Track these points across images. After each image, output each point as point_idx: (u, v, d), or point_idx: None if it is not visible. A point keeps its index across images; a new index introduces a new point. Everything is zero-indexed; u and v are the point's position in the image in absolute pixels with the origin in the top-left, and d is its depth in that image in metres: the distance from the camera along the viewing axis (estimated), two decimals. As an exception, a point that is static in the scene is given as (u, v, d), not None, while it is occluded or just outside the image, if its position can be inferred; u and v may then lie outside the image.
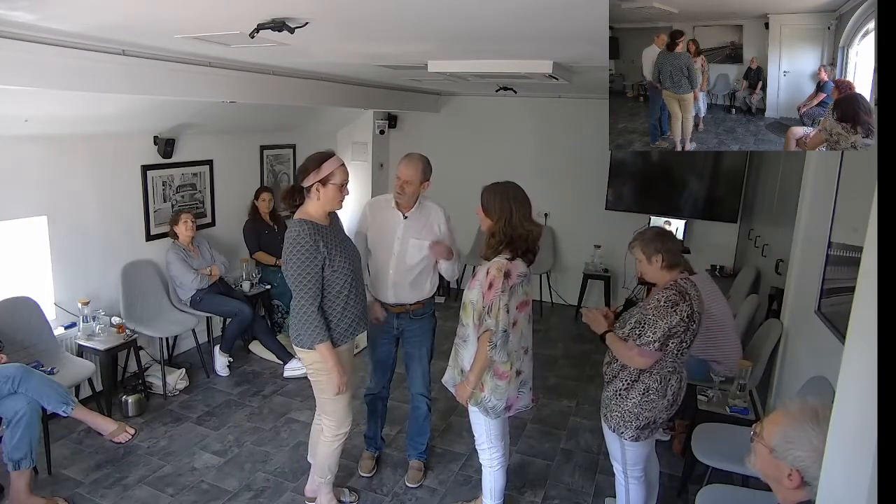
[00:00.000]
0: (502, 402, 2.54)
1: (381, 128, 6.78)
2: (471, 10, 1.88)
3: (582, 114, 6.02)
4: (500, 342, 2.37)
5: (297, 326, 2.61)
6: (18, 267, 3.75)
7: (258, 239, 5.18)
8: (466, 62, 3.25)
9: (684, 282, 2.42)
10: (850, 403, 1.06)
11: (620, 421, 2.47)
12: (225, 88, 3.65)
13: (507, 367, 2.49)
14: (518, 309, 2.47)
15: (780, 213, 4.28)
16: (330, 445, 2.81)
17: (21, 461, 2.82)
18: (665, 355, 2.37)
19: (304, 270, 2.50)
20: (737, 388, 3.18)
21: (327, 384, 2.67)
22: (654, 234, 2.49)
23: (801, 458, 1.40)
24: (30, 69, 2.56)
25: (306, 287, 2.52)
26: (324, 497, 2.96)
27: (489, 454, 2.72)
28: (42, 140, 3.70)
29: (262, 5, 1.85)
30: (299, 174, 2.58)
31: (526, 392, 2.63)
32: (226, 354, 4.62)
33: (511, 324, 2.43)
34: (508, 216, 2.42)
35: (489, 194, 2.50)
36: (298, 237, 2.48)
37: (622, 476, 2.63)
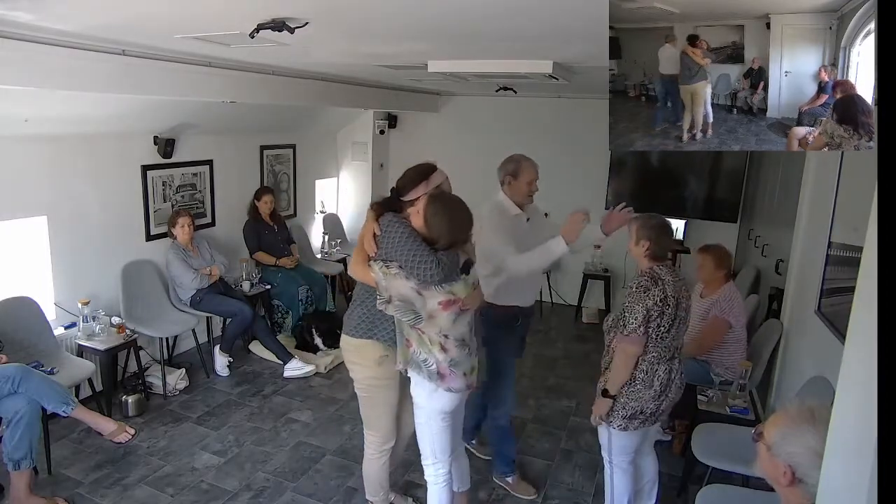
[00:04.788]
0: (431, 360, 2.37)
1: (381, 128, 6.78)
2: (471, 9, 1.88)
3: (582, 114, 6.01)
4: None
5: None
6: (18, 267, 3.75)
7: (258, 239, 5.18)
8: (466, 62, 3.25)
9: (659, 268, 2.48)
10: (850, 403, 1.06)
11: (609, 410, 2.53)
12: (225, 88, 3.65)
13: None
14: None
15: (780, 213, 4.28)
16: (378, 461, 2.76)
17: (21, 461, 2.82)
18: (647, 341, 2.42)
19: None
20: (737, 389, 3.18)
21: (379, 400, 2.65)
22: (654, 224, 2.54)
23: (794, 454, 1.42)
24: (30, 69, 2.56)
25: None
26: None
27: (433, 469, 2.58)
28: (42, 140, 3.70)
29: (262, 5, 1.85)
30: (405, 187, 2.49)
31: (458, 374, 2.41)
32: (226, 354, 4.62)
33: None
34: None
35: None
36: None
37: (608, 465, 2.67)
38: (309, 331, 5.01)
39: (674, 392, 2.53)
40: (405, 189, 2.49)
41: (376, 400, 2.66)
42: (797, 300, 3.39)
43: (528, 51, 2.82)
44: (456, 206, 2.36)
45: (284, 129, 5.88)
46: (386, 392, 2.63)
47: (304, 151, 6.25)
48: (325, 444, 3.69)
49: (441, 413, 2.48)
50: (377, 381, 2.61)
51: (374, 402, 2.68)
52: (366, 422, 2.76)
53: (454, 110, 6.73)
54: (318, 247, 6.41)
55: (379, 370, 2.58)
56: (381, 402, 2.66)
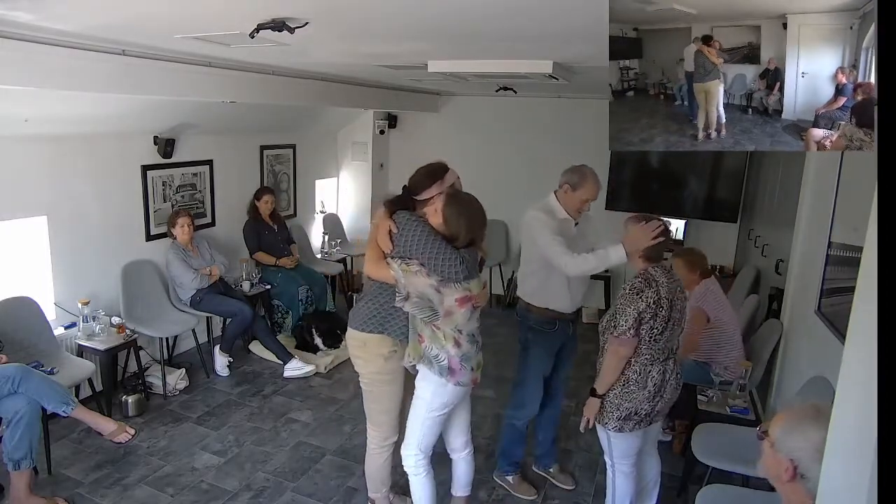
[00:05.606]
0: (443, 355, 2.42)
1: (381, 128, 6.78)
2: (471, 9, 1.88)
3: (582, 114, 6.01)
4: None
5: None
6: (18, 267, 3.75)
7: (258, 239, 5.18)
8: (466, 62, 3.25)
9: (654, 269, 2.47)
10: (850, 403, 1.06)
11: (603, 412, 2.54)
12: (225, 88, 3.65)
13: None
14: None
15: (780, 213, 4.28)
16: (380, 457, 2.78)
17: (21, 461, 2.82)
18: (640, 343, 2.42)
19: None
20: (737, 389, 3.18)
21: (383, 395, 2.68)
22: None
23: (796, 448, 1.42)
24: (30, 69, 2.56)
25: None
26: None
27: (414, 461, 2.59)
28: (42, 140, 3.70)
29: (262, 5, 1.85)
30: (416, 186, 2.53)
31: (467, 368, 2.47)
32: (226, 354, 4.62)
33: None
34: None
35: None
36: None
37: (610, 469, 2.67)
38: (309, 331, 5.01)
39: (668, 393, 2.52)
40: (418, 188, 2.52)
41: (379, 395, 2.69)
42: (797, 300, 3.39)
43: (528, 51, 2.82)
44: (473, 206, 2.43)
45: (284, 129, 5.88)
46: (389, 387, 2.67)
47: (304, 151, 6.25)
48: (325, 444, 3.69)
49: (443, 406, 2.52)
50: (381, 375, 2.64)
51: (377, 397, 2.71)
52: (368, 416, 2.79)
53: (454, 110, 6.73)
54: (318, 247, 6.42)
55: (385, 365, 2.62)
56: (385, 398, 2.69)
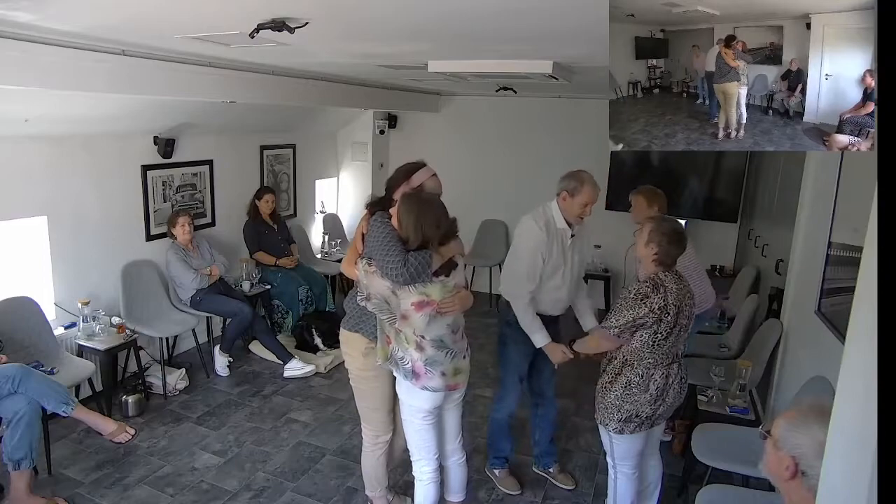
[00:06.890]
0: (407, 358, 2.40)
1: (381, 128, 6.78)
2: (471, 9, 1.88)
3: (582, 114, 6.01)
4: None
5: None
6: (18, 267, 3.75)
7: (258, 239, 5.18)
8: (466, 62, 3.25)
9: (664, 274, 2.44)
10: (850, 403, 1.06)
11: (605, 413, 2.54)
12: (225, 88, 3.65)
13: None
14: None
15: (780, 213, 4.28)
16: (373, 455, 2.79)
17: (21, 461, 2.82)
18: (641, 347, 2.42)
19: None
20: (737, 388, 3.18)
21: (368, 392, 2.70)
22: (667, 230, 2.46)
23: (799, 445, 1.42)
24: (30, 69, 2.55)
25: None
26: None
27: (417, 466, 2.63)
28: (42, 140, 3.70)
29: (262, 5, 1.85)
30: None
31: (436, 374, 2.42)
32: (226, 354, 4.62)
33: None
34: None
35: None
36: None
37: (612, 470, 2.68)
38: (309, 331, 5.01)
39: (671, 397, 2.52)
40: (392, 188, 2.55)
41: (366, 392, 2.72)
42: (797, 300, 3.39)
43: (527, 51, 2.82)
44: (426, 205, 2.34)
45: (284, 129, 5.88)
46: (373, 383, 2.67)
47: (304, 151, 6.25)
48: (325, 444, 3.69)
49: (420, 411, 2.50)
50: (363, 371, 2.67)
51: (364, 394, 2.73)
52: (360, 414, 2.82)
53: (454, 110, 6.73)
54: (318, 247, 6.42)
55: (365, 362, 2.64)
56: (371, 394, 2.70)
